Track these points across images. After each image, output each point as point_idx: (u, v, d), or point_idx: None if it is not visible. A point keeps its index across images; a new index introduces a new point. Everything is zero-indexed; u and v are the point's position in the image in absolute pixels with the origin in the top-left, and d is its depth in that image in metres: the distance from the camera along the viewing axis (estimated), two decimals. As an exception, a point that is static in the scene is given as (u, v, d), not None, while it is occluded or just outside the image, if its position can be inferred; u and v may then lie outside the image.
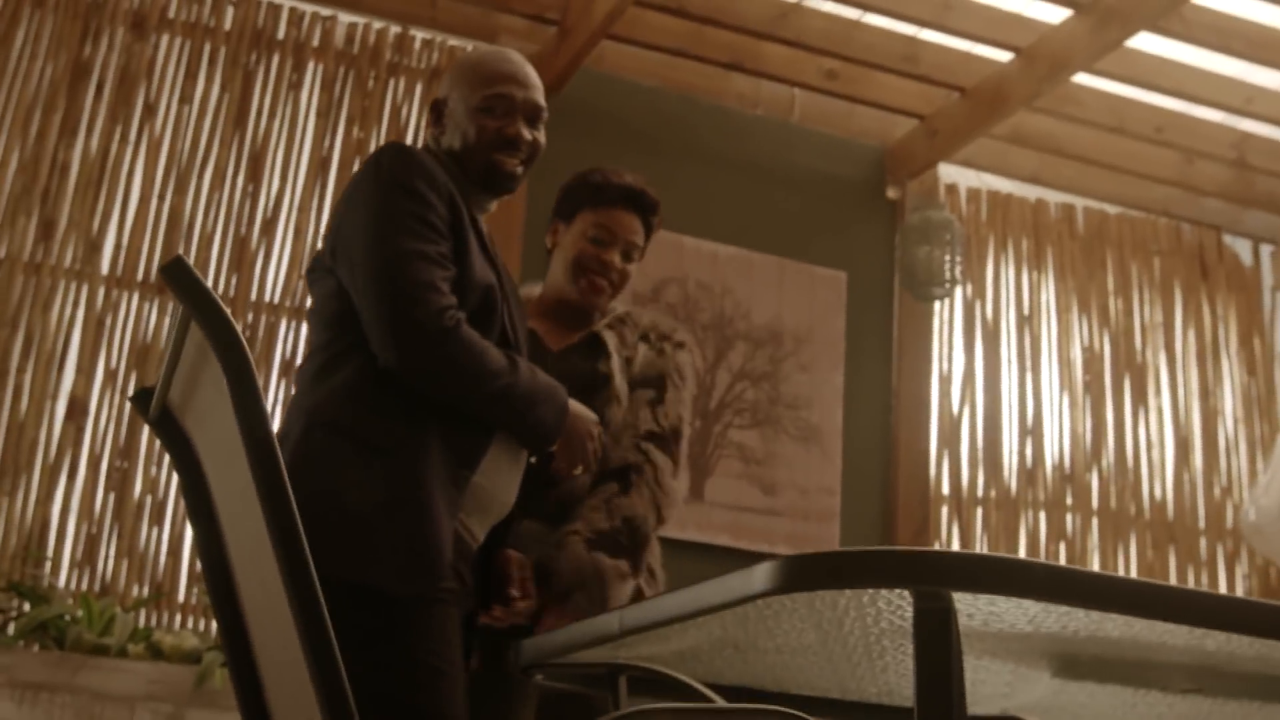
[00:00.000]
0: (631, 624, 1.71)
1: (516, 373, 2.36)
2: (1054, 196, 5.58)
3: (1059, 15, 4.50)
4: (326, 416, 2.27)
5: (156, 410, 1.78)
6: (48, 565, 3.91)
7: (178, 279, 1.47)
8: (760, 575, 1.45)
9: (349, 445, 2.24)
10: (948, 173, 5.37)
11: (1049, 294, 5.49)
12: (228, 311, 1.48)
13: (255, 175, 4.45)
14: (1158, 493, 5.41)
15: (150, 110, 4.39)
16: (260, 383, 2.33)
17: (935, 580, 1.35)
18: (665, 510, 2.80)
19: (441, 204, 2.35)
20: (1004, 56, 4.76)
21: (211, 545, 1.89)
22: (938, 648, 1.42)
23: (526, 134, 2.49)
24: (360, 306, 2.32)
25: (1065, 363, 5.43)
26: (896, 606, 1.54)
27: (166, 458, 4.12)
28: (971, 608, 1.48)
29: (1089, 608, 1.43)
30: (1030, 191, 5.56)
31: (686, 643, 1.89)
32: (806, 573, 1.42)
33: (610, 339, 2.91)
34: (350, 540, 2.15)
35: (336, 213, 2.46)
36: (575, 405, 2.49)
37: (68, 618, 3.43)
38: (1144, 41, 4.58)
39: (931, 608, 1.43)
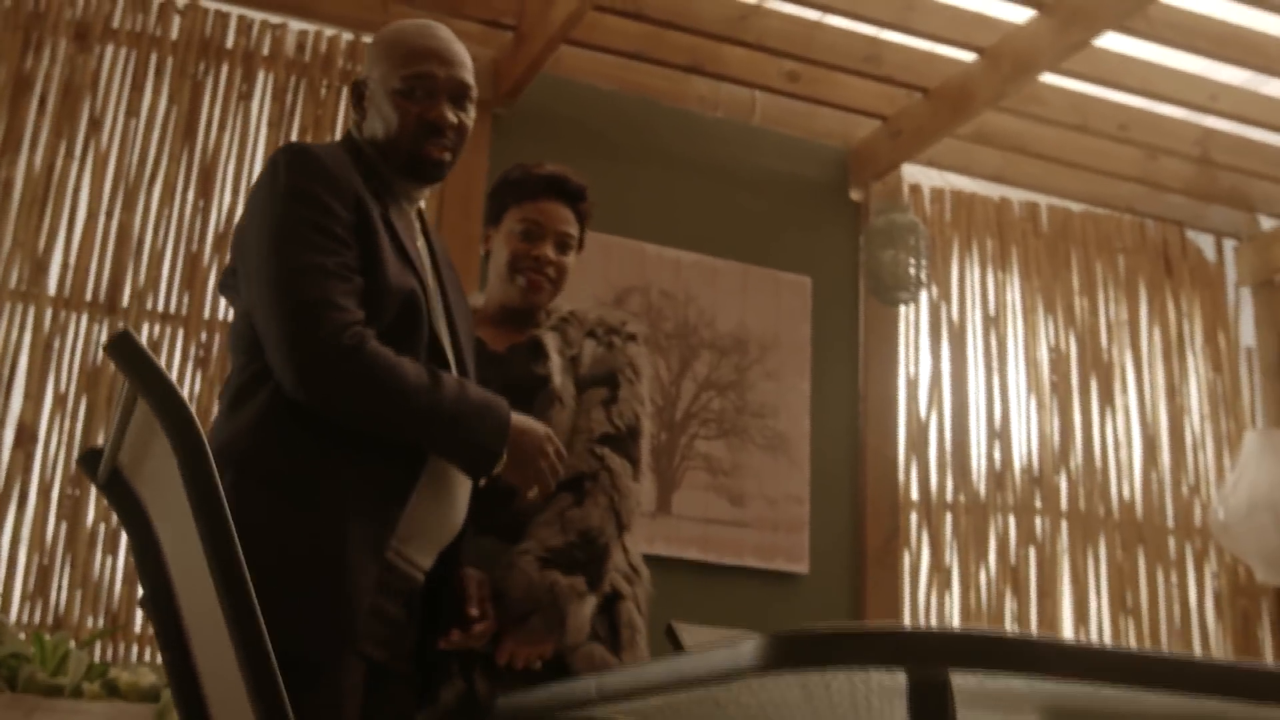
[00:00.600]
0: (610, 691, 1.64)
1: (439, 389, 2.19)
2: (1018, 195, 5.54)
3: (1023, 15, 4.44)
4: (238, 454, 2.13)
5: (105, 473, 1.68)
6: (-3, 598, 3.79)
7: (125, 355, 1.38)
8: (746, 653, 1.38)
9: (262, 493, 2.10)
10: (911, 173, 5.31)
11: (1014, 294, 5.45)
12: (178, 389, 1.38)
13: (206, 189, 4.33)
14: (1126, 493, 5.37)
15: (95, 124, 4.26)
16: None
17: (934, 661, 1.28)
18: (626, 516, 2.69)
19: (344, 208, 2.21)
20: (968, 57, 4.70)
21: (162, 603, 1.80)
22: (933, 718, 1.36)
23: (451, 116, 2.36)
24: (258, 327, 2.20)
25: (1032, 363, 5.38)
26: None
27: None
28: (967, 676, 1.42)
29: (1091, 681, 1.37)
30: (994, 190, 5.50)
31: (668, 698, 1.82)
32: (796, 653, 1.34)
33: (550, 339, 2.83)
34: (262, 602, 2.07)
35: (239, 223, 2.34)
36: (521, 420, 2.30)
37: (19, 656, 3.31)
38: (1109, 41, 4.52)
39: (928, 681, 1.36)
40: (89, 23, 4.30)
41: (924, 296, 5.19)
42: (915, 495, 5.09)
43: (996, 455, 5.23)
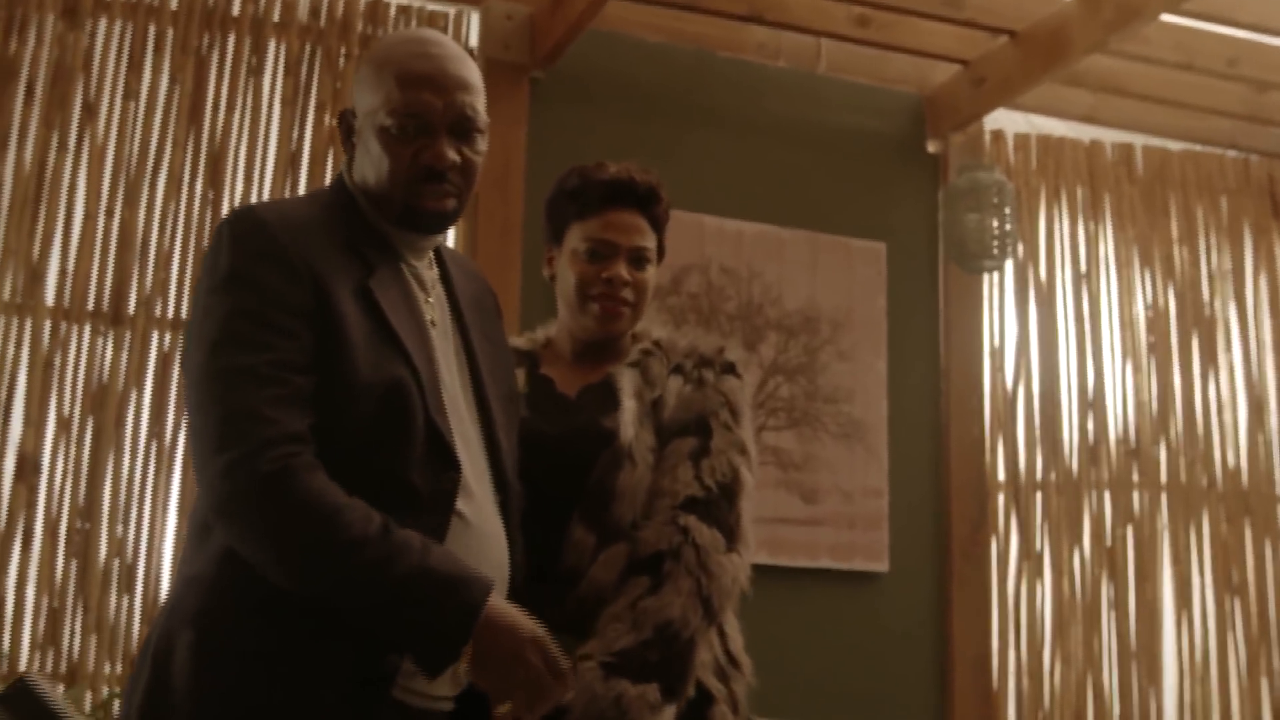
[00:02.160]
0: None
1: (391, 548, 1.74)
2: (1110, 136, 5.01)
3: (1128, -48, 3.91)
4: (196, 611, 1.79)
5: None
6: (5, 645, 3.45)
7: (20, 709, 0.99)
8: None
9: (224, 660, 1.76)
10: (993, 118, 4.79)
11: (1108, 247, 4.95)
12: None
13: (215, 178, 3.90)
14: (1231, 460, 4.92)
15: (90, 111, 3.83)
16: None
17: None
18: (718, 601, 2.25)
19: (296, 290, 1.84)
20: (1062, -3, 4.17)
21: None
22: None
23: (452, 155, 1.97)
24: None
25: (1127, 323, 4.91)
26: None
27: (133, 514, 3.65)
28: None
29: None
30: (1084, 133, 4.98)
31: None
32: None
33: (627, 379, 2.42)
34: None
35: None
36: (500, 611, 1.80)
37: None
38: (1223, -25, 3.99)
39: None
40: (78, -5, 3.86)
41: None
42: (1002, 476, 4.66)
43: (1090, 427, 4.79)
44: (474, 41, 4.17)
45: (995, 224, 4.31)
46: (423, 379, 1.92)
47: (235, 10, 4.00)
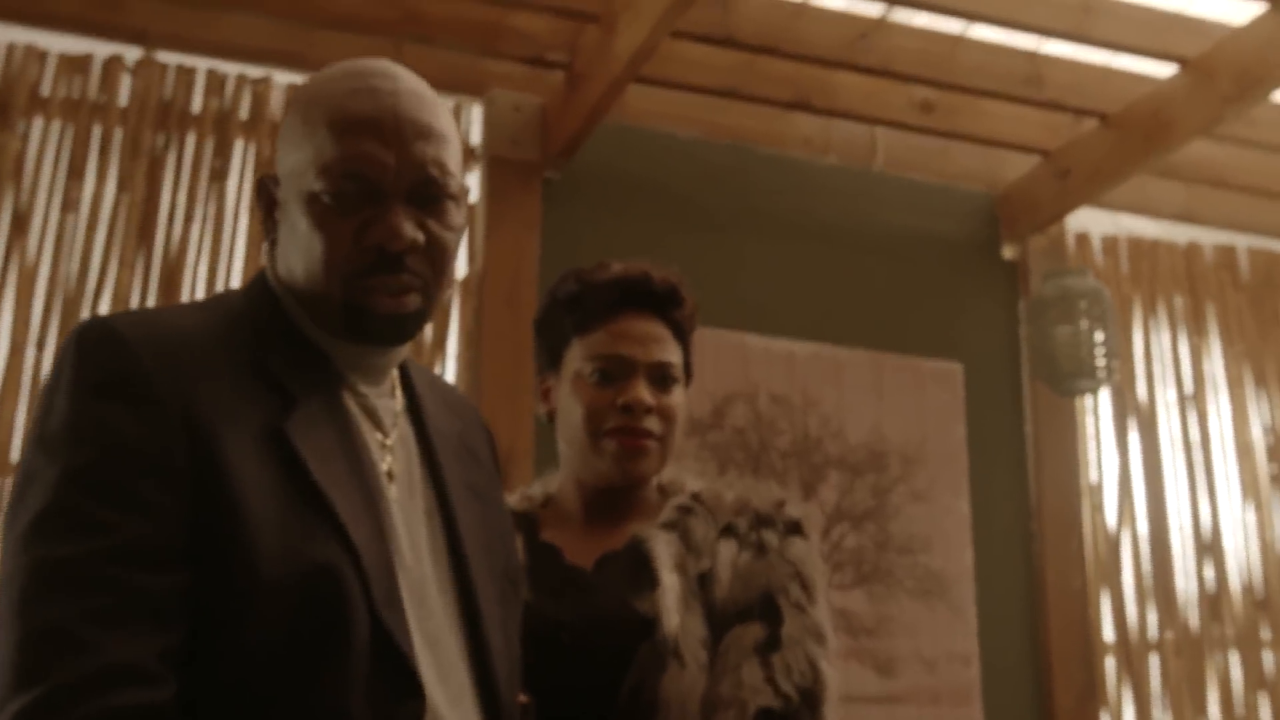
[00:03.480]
0: None
1: None
2: (1209, 236, 4.38)
3: (1248, 12, 3.30)
4: None
5: None
6: None
7: None
8: None
9: None
10: (1074, 219, 4.17)
11: (1214, 364, 4.29)
12: None
13: (170, 301, 3.27)
14: (1373, 609, 4.19)
15: (21, 224, 3.22)
16: None
17: None
18: None
19: (158, 437, 1.26)
20: (1163, 70, 3.56)
21: None
22: None
23: (410, 231, 1.39)
24: None
25: (1244, 451, 4.22)
26: None
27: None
28: None
29: None
30: (1179, 233, 4.35)
31: None
32: None
33: (662, 545, 1.86)
34: None
35: None
36: None
37: None
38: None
39: None
40: (8, 90, 3.27)
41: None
42: (1110, 636, 3.94)
43: (1208, 575, 4.08)
44: (476, 138, 3.58)
45: (1092, 337, 3.66)
46: (365, 562, 1.30)
47: (196, 106, 3.42)
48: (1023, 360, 3.94)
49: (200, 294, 3.30)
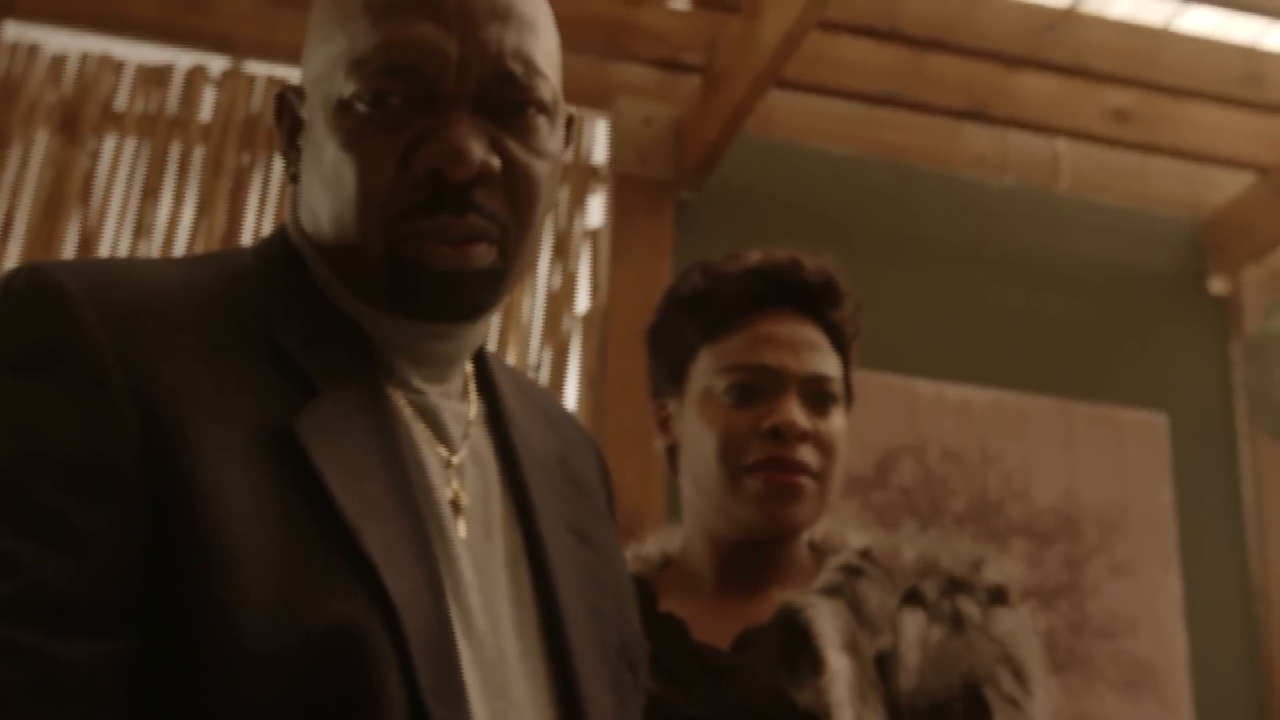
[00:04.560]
0: None
1: None
2: None
3: None
4: None
5: None
6: None
7: None
8: None
9: None
10: (1292, 248, 3.59)
11: None
12: None
13: (251, 338, 2.88)
14: None
15: (87, 249, 2.86)
16: None
17: None
18: None
19: (104, 430, 0.86)
20: None
21: None
22: None
23: (477, 151, 0.96)
24: None
25: None
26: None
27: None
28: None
29: None
30: None
31: None
32: None
33: (827, 616, 1.42)
34: None
35: None
36: None
37: None
38: None
39: None
40: (78, 103, 2.92)
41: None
42: (1352, 739, 3.31)
43: None
44: (600, 156, 3.14)
45: (1326, 381, 3.08)
46: (408, 627, 0.88)
47: (287, 122, 3.03)
48: (1237, 410, 3.36)
49: (286, 329, 2.90)
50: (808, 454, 1.46)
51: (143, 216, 2.90)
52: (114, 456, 0.84)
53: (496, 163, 0.96)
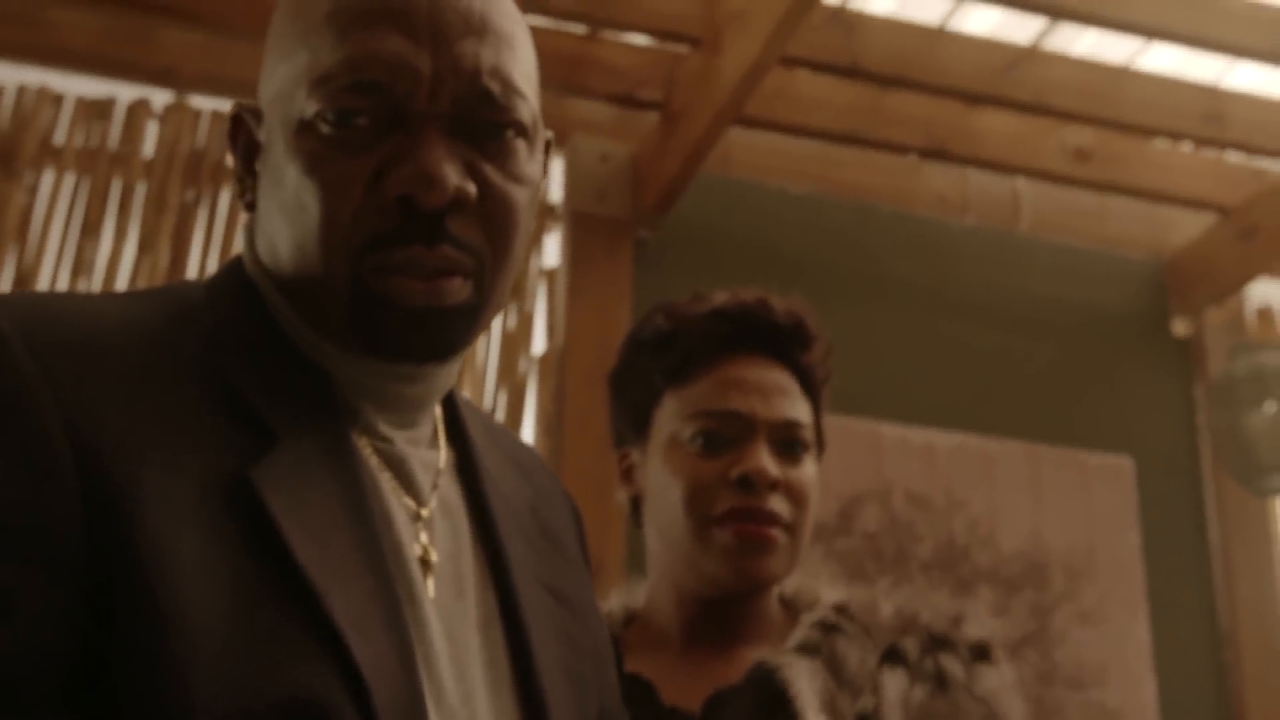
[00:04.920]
0: None
1: None
2: None
3: None
4: None
5: None
6: None
7: None
8: None
9: None
10: (1254, 290, 3.57)
11: None
12: None
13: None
14: None
15: (24, 287, 2.75)
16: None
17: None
18: None
19: (28, 490, 0.77)
20: (1378, 100, 2.99)
21: None
22: None
23: (451, 176, 0.88)
24: None
25: None
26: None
27: None
28: None
29: None
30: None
31: None
32: None
33: (804, 677, 1.34)
34: None
35: None
36: None
37: None
38: None
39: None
40: (15, 137, 2.82)
41: (1303, 475, 3.38)
42: (1323, 789, 3.25)
43: None
44: (557, 194, 3.07)
45: (1293, 423, 3.04)
46: (376, 697, 0.80)
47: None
48: (1203, 453, 3.31)
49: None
50: (779, 504, 1.38)
51: (82, 254, 2.80)
52: (50, 518, 0.76)
53: (472, 189, 0.88)
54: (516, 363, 2.94)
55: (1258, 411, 3.06)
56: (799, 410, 1.42)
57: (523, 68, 0.93)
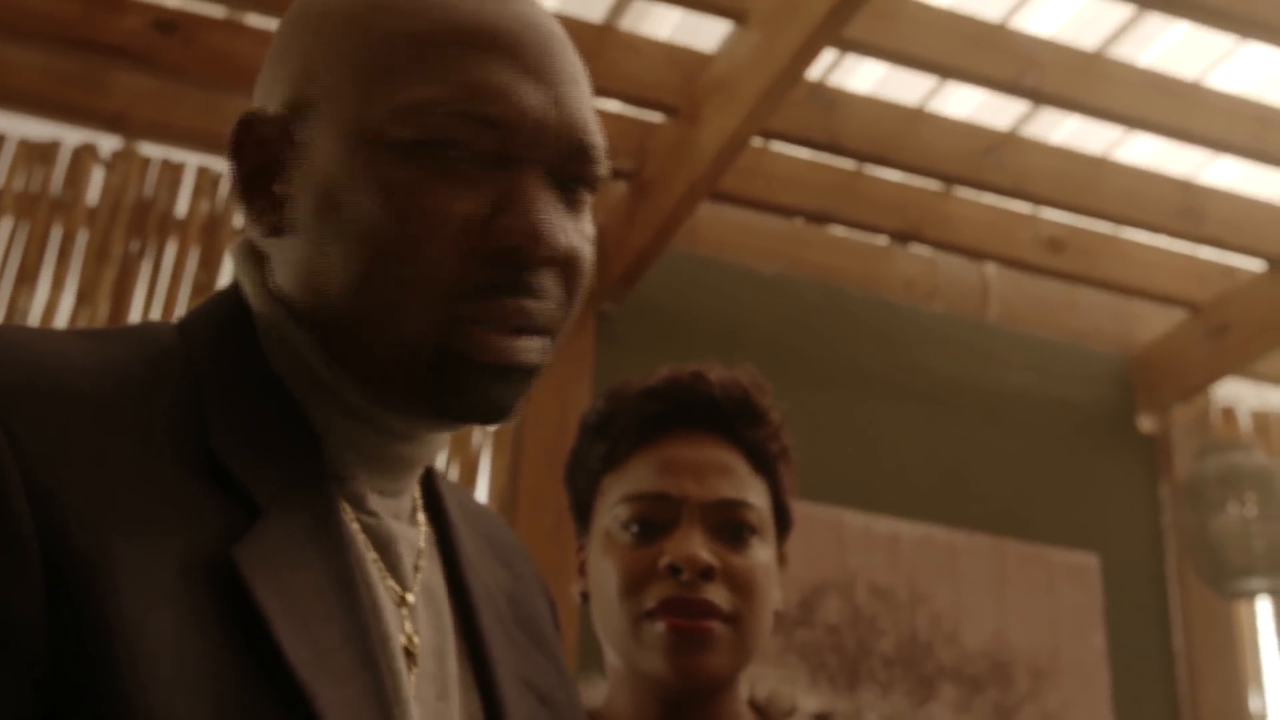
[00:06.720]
0: None
1: None
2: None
3: None
4: None
5: None
6: None
7: None
8: None
9: None
10: (1220, 389, 3.51)
11: (1387, 568, 3.56)
12: None
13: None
14: None
15: (-49, 339, 2.59)
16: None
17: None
18: None
19: None
20: (1354, 201, 2.96)
21: None
22: None
23: (554, 231, 0.78)
24: None
25: None
26: None
27: None
28: None
29: None
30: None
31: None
32: None
33: None
34: None
35: None
36: None
37: None
38: None
39: None
40: (-49, 179, 2.68)
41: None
42: None
43: (1398, 831, 3.30)
44: (518, 262, 2.95)
45: (1265, 527, 2.97)
46: None
47: (182, 210, 2.81)
48: (1168, 552, 3.23)
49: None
50: (716, 594, 1.23)
51: (15, 302, 2.65)
52: (5, 600, 0.63)
53: (566, 245, 0.79)
54: (470, 435, 2.81)
55: (1225, 514, 2.99)
56: (744, 489, 1.29)
57: (595, 126, 0.84)
